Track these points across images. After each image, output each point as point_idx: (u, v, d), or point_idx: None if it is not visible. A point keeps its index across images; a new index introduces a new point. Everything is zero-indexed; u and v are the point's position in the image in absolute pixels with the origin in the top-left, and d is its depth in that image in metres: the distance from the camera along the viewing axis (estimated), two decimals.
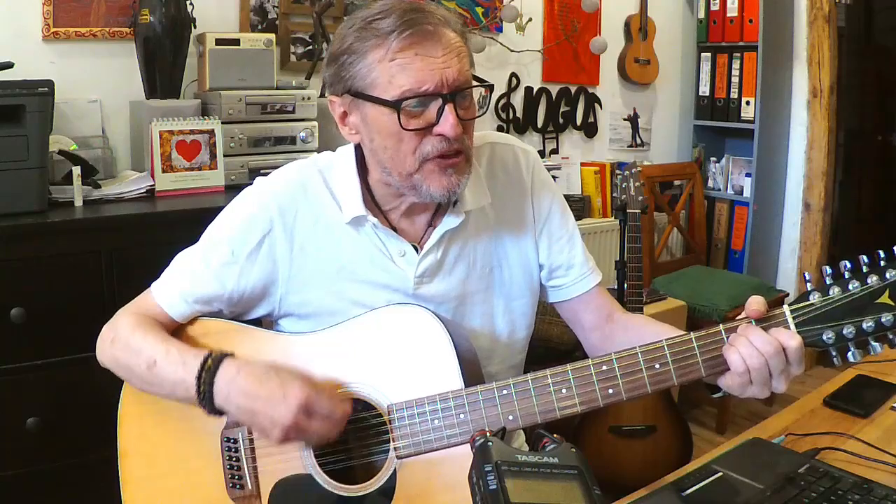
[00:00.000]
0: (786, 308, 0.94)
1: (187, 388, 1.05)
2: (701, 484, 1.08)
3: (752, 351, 0.95)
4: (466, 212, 1.15)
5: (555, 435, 0.79)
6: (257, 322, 1.20)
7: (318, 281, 1.14)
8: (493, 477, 0.69)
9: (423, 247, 1.15)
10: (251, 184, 1.19)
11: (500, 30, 3.18)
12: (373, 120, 1.05)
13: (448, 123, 1.02)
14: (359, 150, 1.15)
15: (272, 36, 2.37)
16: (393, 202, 1.15)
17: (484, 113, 1.12)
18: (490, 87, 1.11)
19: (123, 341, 1.12)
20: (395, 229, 1.15)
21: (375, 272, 1.14)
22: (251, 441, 1.09)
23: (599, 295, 1.28)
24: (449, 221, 1.15)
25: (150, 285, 1.18)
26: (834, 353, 0.94)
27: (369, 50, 1.02)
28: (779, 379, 0.96)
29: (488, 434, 0.76)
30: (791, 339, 0.94)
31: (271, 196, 1.14)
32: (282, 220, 1.13)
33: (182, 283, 1.14)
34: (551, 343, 2.53)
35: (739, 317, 1.00)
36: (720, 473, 1.10)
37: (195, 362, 1.06)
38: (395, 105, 1.01)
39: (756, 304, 0.98)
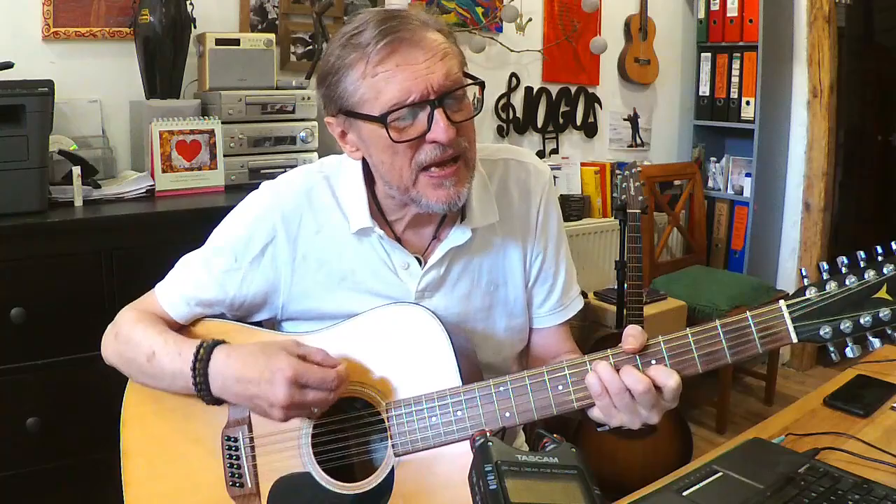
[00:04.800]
0: (782, 303, 0.92)
1: (186, 379, 1.06)
2: (701, 484, 1.08)
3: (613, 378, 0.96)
4: (473, 229, 1.14)
5: (555, 435, 0.79)
6: (259, 323, 1.20)
7: (320, 290, 1.14)
8: (493, 477, 0.69)
9: (428, 261, 1.14)
10: (251, 184, 1.19)
11: (500, 30, 3.17)
12: (367, 136, 1.04)
13: (439, 128, 1.00)
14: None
15: (272, 36, 2.38)
16: (398, 213, 1.14)
17: (478, 112, 1.09)
18: (481, 85, 1.06)
19: (125, 336, 1.13)
20: (399, 240, 1.15)
21: (378, 283, 1.13)
22: (251, 440, 1.09)
23: (556, 333, 1.26)
24: (455, 238, 1.13)
25: (150, 285, 1.19)
26: (832, 349, 0.92)
27: (352, 66, 1.00)
28: (651, 411, 0.98)
29: (488, 434, 0.76)
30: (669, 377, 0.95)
31: (276, 203, 1.14)
32: (285, 228, 1.13)
33: (185, 286, 1.15)
34: None
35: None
36: (720, 473, 1.11)
37: (189, 352, 1.06)
38: (382, 120, 1.00)
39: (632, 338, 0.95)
